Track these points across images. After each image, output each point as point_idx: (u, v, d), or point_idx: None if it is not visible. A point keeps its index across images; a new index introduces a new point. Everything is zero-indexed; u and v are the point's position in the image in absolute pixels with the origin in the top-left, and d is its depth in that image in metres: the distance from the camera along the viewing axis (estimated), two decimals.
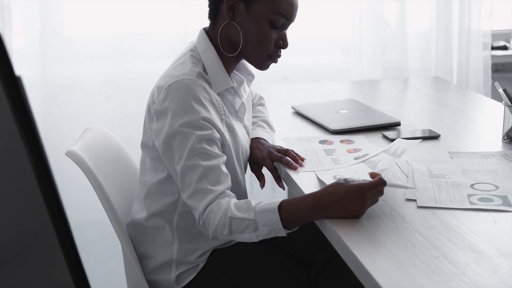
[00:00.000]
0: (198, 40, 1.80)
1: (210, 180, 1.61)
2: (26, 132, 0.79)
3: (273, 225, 1.54)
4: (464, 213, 1.53)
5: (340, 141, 2.05)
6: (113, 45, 2.87)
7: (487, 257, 1.32)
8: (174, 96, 1.65)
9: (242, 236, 1.58)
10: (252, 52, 1.77)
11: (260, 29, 1.73)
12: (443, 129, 2.17)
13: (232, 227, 1.57)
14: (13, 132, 0.79)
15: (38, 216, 0.84)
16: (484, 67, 3.17)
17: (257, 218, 1.55)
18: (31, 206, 0.85)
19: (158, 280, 1.78)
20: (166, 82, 1.68)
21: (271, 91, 2.73)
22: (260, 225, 1.55)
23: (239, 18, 1.74)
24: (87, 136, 1.89)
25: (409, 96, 2.79)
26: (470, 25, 3.11)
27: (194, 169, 1.62)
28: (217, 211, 1.58)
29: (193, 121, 1.63)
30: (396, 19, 3.10)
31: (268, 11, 1.72)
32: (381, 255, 1.34)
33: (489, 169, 1.78)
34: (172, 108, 1.65)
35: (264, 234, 1.56)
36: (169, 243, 1.77)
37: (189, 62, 1.73)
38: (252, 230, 1.56)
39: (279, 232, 1.55)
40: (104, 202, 1.73)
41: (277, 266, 1.80)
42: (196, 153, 1.62)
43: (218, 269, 1.77)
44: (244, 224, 1.56)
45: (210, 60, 1.75)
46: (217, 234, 1.59)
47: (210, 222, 1.59)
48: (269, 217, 1.54)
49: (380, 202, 1.56)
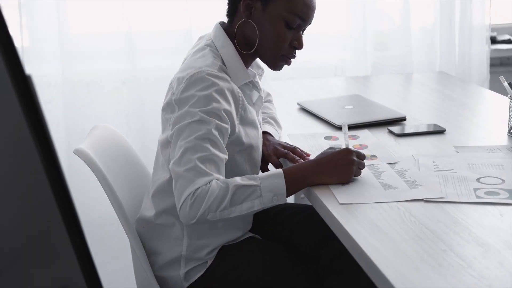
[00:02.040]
0: (214, 35, 1.80)
1: (211, 166, 1.60)
2: (37, 130, 0.80)
3: (277, 190, 1.60)
4: (471, 206, 1.54)
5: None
6: (116, 43, 2.87)
7: (494, 250, 1.33)
8: (196, 85, 1.66)
9: (241, 207, 1.59)
10: (267, 51, 1.79)
11: (276, 29, 1.75)
12: (449, 123, 2.17)
13: (234, 197, 1.57)
14: (24, 130, 0.80)
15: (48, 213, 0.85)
16: (486, 61, 3.17)
17: (262, 184, 1.60)
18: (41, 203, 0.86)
19: (167, 276, 1.79)
20: (187, 73, 1.69)
21: (275, 88, 2.73)
22: (264, 191, 1.59)
23: (255, 17, 1.76)
24: (94, 134, 1.90)
25: (413, 91, 2.79)
26: (471, 19, 3.11)
27: (200, 149, 1.60)
28: (214, 186, 1.57)
29: (215, 109, 1.64)
30: (399, 14, 3.10)
31: (284, 11, 1.74)
32: (388, 249, 1.35)
33: (495, 163, 1.79)
34: (194, 97, 1.65)
35: (266, 200, 1.60)
36: (179, 239, 1.77)
37: (210, 56, 1.74)
38: (256, 197, 1.60)
39: (281, 199, 1.62)
40: (112, 200, 1.74)
41: (285, 262, 1.80)
42: (208, 137, 1.62)
43: (226, 265, 1.78)
44: (248, 191, 1.59)
45: (229, 55, 1.77)
46: (209, 211, 1.57)
47: (206, 198, 1.56)
48: (275, 182, 1.61)
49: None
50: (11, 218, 0.89)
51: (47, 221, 0.87)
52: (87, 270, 0.87)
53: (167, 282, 1.79)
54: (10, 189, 0.88)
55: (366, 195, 1.60)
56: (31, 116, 0.79)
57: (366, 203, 1.56)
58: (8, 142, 0.85)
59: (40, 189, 0.83)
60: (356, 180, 1.69)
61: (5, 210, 0.88)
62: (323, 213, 1.59)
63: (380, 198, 1.59)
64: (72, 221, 0.85)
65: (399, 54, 3.12)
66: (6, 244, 0.90)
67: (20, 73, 0.78)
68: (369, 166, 1.78)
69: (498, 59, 3.28)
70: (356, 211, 1.53)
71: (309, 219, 1.94)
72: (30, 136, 0.80)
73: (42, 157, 0.81)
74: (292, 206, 2.03)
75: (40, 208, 0.87)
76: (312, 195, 1.65)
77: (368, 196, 1.60)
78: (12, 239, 0.91)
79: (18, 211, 0.89)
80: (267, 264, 1.79)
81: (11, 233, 0.90)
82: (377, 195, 1.60)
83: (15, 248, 0.91)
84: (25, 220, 0.89)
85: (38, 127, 0.80)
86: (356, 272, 1.53)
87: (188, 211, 1.58)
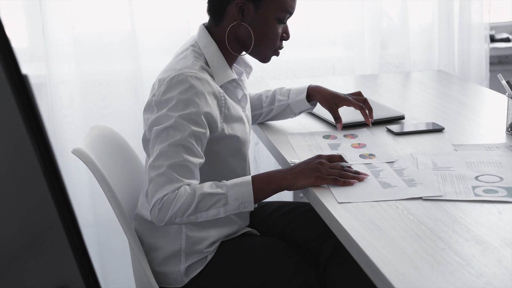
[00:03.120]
0: (198, 36, 1.83)
1: (182, 172, 1.63)
2: (34, 130, 0.80)
3: (244, 198, 1.62)
4: (469, 205, 1.54)
5: (344, 136, 2.06)
6: (116, 43, 2.87)
7: (493, 248, 1.33)
8: (176, 88, 1.67)
9: (207, 214, 1.62)
10: (262, 49, 1.83)
11: (270, 27, 1.80)
12: (447, 122, 2.17)
13: (199, 204, 1.60)
14: (21, 130, 0.80)
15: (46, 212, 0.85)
16: (484, 59, 3.17)
17: (228, 192, 1.62)
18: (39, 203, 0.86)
19: (168, 271, 1.79)
20: (168, 75, 1.70)
21: (274, 87, 2.73)
22: (231, 199, 1.62)
23: (248, 19, 1.78)
24: (93, 134, 1.90)
25: (412, 89, 2.79)
26: (470, 17, 3.11)
27: (172, 155, 1.63)
28: (182, 193, 1.60)
29: (192, 114, 1.65)
30: (398, 13, 3.10)
31: (277, 9, 1.78)
32: (387, 247, 1.35)
33: (493, 161, 1.79)
34: (173, 100, 1.66)
35: (233, 208, 1.63)
36: (177, 233, 1.78)
37: (191, 57, 1.75)
38: (222, 205, 1.62)
39: (248, 206, 1.63)
40: (111, 199, 1.74)
41: (285, 258, 1.81)
42: (182, 144, 1.64)
43: (226, 260, 1.79)
44: (214, 199, 1.61)
45: (212, 54, 1.78)
46: (176, 216, 1.60)
47: (173, 204, 1.59)
48: (241, 190, 1.63)
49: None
50: (9, 218, 0.89)
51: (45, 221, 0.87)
52: (85, 270, 0.87)
53: (167, 277, 1.80)
54: (7, 189, 0.88)
55: (364, 193, 1.60)
56: (28, 116, 0.79)
57: (365, 201, 1.56)
58: (5, 142, 0.85)
59: (38, 189, 0.83)
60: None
61: (2, 210, 0.88)
62: (322, 212, 1.59)
63: (379, 197, 1.59)
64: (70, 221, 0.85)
65: (398, 52, 3.13)
66: (4, 245, 0.89)
67: (17, 73, 0.78)
68: (368, 165, 1.79)
69: (497, 57, 3.29)
70: (354, 210, 1.53)
71: (308, 215, 1.94)
72: (27, 136, 0.80)
73: (39, 157, 0.81)
74: (290, 204, 2.03)
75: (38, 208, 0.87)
76: (311, 194, 1.65)
77: (367, 194, 1.60)
78: (10, 239, 0.91)
79: (16, 211, 0.89)
80: (267, 260, 1.80)
81: (9, 234, 0.90)
82: (375, 194, 1.60)
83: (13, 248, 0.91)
84: (23, 221, 0.89)
85: (36, 127, 0.80)
86: (356, 267, 1.53)
87: (157, 215, 1.62)
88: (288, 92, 2.14)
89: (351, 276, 1.77)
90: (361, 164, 1.80)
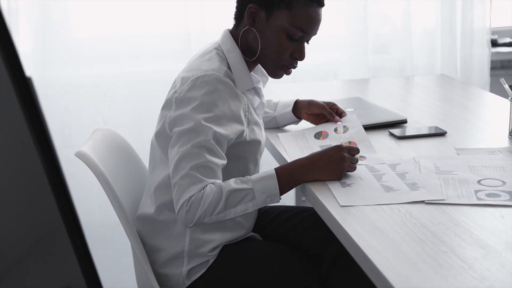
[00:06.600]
0: (222, 40, 1.82)
1: (206, 173, 1.63)
2: (37, 132, 0.80)
3: (270, 191, 1.65)
4: (472, 208, 1.54)
5: (334, 130, 2.05)
6: (114, 46, 2.89)
7: (495, 252, 1.33)
8: (200, 89, 1.67)
9: (236, 210, 1.63)
10: (267, 60, 1.81)
11: (277, 39, 1.77)
12: (450, 126, 2.17)
13: (228, 201, 1.61)
14: (25, 132, 0.80)
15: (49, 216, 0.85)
16: (487, 63, 3.17)
17: (255, 187, 1.64)
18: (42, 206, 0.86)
19: (170, 273, 1.79)
20: (193, 75, 1.70)
21: (276, 90, 2.74)
22: (258, 193, 1.63)
23: (258, 26, 1.77)
24: (96, 137, 1.90)
25: (415, 93, 2.80)
26: (472, 22, 3.11)
27: (195, 156, 1.63)
28: (208, 192, 1.61)
29: (216, 117, 1.66)
30: (401, 17, 3.10)
31: (286, 23, 1.75)
32: (389, 250, 1.35)
33: (495, 165, 1.79)
34: (196, 100, 1.67)
35: (260, 202, 1.65)
36: (181, 234, 1.78)
37: (216, 60, 1.75)
38: (249, 200, 1.64)
39: (274, 199, 1.66)
40: (113, 201, 1.74)
41: (288, 261, 1.81)
42: (205, 145, 1.64)
43: (228, 264, 1.79)
44: (242, 194, 1.63)
45: (236, 60, 1.78)
46: (205, 215, 1.61)
47: (201, 204, 1.60)
48: (267, 183, 1.65)
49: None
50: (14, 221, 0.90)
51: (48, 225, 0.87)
52: (88, 272, 0.87)
53: (169, 280, 1.79)
54: (11, 192, 0.88)
55: (367, 197, 1.60)
56: (32, 119, 0.80)
57: (367, 205, 1.56)
58: (9, 145, 0.85)
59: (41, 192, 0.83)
60: (357, 183, 1.69)
61: (6, 213, 0.88)
62: (324, 215, 1.59)
63: (381, 200, 1.59)
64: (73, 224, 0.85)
65: (401, 56, 3.13)
66: (8, 247, 0.90)
67: (21, 75, 0.79)
68: (370, 168, 1.78)
69: (499, 62, 3.29)
70: (357, 213, 1.53)
71: (310, 219, 1.94)
72: (31, 138, 0.80)
73: (43, 160, 0.81)
74: (293, 208, 2.03)
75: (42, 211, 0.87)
76: (313, 198, 1.65)
77: (369, 198, 1.60)
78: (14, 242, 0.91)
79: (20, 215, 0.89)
80: (270, 264, 1.80)
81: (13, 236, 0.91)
82: (378, 197, 1.60)
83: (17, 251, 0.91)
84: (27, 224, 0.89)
85: (39, 129, 0.80)
86: (359, 271, 1.53)
87: (185, 217, 1.62)
88: (275, 105, 2.17)
89: (354, 280, 1.77)
90: (360, 165, 1.80)
